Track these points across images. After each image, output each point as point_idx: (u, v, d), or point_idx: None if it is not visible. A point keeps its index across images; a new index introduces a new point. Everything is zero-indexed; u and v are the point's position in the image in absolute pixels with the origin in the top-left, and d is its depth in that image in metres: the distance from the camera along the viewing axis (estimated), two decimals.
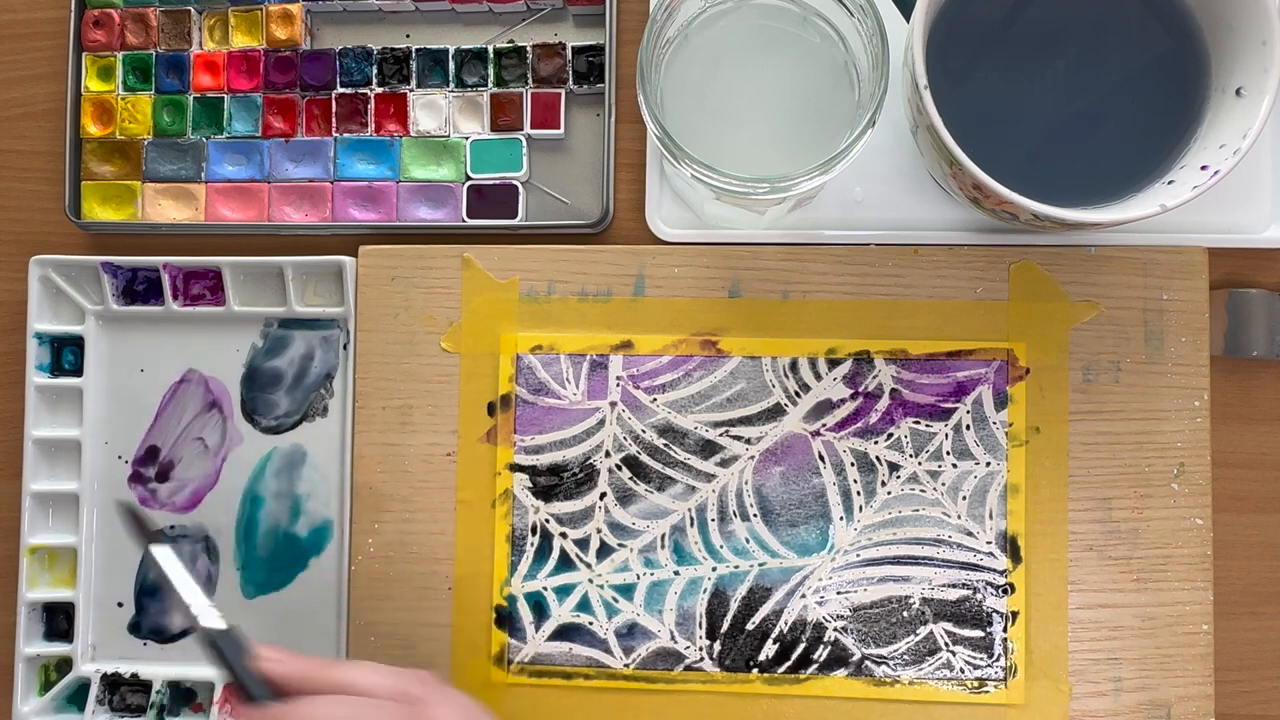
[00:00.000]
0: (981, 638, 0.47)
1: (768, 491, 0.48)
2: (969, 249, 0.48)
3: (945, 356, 0.48)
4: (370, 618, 0.49)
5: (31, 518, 0.51)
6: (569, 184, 0.52)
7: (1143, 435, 0.47)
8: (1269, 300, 0.48)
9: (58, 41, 0.54)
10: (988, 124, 0.44)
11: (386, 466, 0.49)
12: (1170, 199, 0.40)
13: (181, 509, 0.52)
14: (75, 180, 0.53)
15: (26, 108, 0.55)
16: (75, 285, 0.52)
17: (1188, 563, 0.47)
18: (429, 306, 0.50)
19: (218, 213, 0.53)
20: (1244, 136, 0.40)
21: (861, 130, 0.40)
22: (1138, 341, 0.48)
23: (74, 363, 0.52)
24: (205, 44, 0.53)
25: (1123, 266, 0.48)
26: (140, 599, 0.52)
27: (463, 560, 0.49)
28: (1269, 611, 0.49)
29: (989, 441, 0.48)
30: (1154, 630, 0.47)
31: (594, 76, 0.51)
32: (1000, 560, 0.47)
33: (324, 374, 0.51)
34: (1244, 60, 0.41)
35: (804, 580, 0.48)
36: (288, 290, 0.51)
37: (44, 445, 0.52)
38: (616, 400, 0.49)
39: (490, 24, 0.53)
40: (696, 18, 0.43)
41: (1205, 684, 0.46)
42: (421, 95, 0.52)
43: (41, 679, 0.51)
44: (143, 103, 0.53)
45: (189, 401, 0.52)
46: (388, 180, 0.52)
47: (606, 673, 0.48)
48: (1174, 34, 0.44)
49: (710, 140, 0.42)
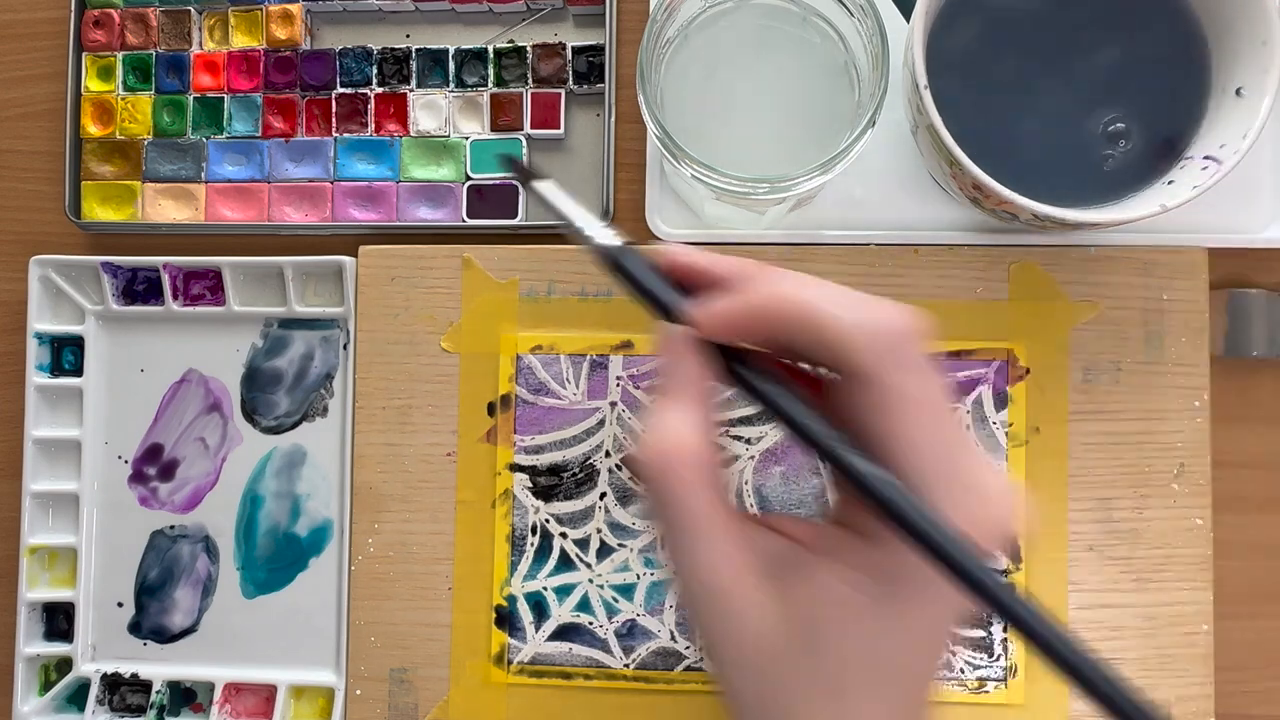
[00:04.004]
0: (981, 638, 0.47)
1: (768, 491, 0.48)
2: (969, 249, 0.48)
3: (945, 356, 0.48)
4: (370, 618, 0.49)
5: (31, 518, 0.51)
6: (569, 184, 0.52)
7: (1143, 435, 0.47)
8: (1269, 300, 0.48)
9: (58, 41, 0.54)
10: (987, 123, 0.44)
11: (386, 466, 0.49)
12: (1170, 199, 0.40)
13: (181, 509, 0.52)
14: (75, 180, 0.53)
15: (26, 108, 0.55)
16: (75, 285, 0.52)
17: (1188, 563, 0.47)
18: (429, 306, 0.50)
19: (218, 213, 0.53)
20: (1244, 136, 0.40)
21: (861, 130, 0.40)
22: (1138, 341, 0.48)
23: (74, 363, 0.52)
24: (205, 44, 0.53)
25: (1123, 266, 0.48)
26: (140, 599, 0.52)
27: (463, 560, 0.49)
28: (1269, 611, 0.49)
29: (989, 442, 0.48)
30: (1154, 630, 0.47)
31: (594, 76, 0.51)
32: (1000, 560, 0.47)
33: (324, 374, 0.51)
34: (1244, 60, 0.41)
35: None
36: (288, 290, 0.51)
37: (44, 445, 0.52)
38: (617, 400, 0.49)
39: (490, 24, 0.53)
40: (696, 18, 0.43)
41: (1205, 684, 0.46)
42: (421, 95, 0.52)
43: (41, 679, 0.51)
44: (143, 103, 0.53)
45: (189, 401, 0.52)
46: (388, 180, 0.52)
47: (606, 673, 0.48)
48: (1174, 34, 0.44)
49: (710, 140, 0.43)
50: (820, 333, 0.27)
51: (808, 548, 0.29)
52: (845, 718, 0.28)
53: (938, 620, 0.28)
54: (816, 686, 0.28)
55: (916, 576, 0.27)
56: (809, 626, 0.28)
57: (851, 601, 0.28)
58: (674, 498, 0.28)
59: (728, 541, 0.28)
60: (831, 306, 0.27)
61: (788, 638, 0.28)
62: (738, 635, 0.28)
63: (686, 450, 0.28)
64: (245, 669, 0.50)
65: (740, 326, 0.28)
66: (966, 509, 0.26)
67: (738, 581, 0.28)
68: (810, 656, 0.28)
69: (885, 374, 0.26)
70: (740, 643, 0.28)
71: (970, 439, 0.28)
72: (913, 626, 0.28)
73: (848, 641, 0.28)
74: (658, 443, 0.28)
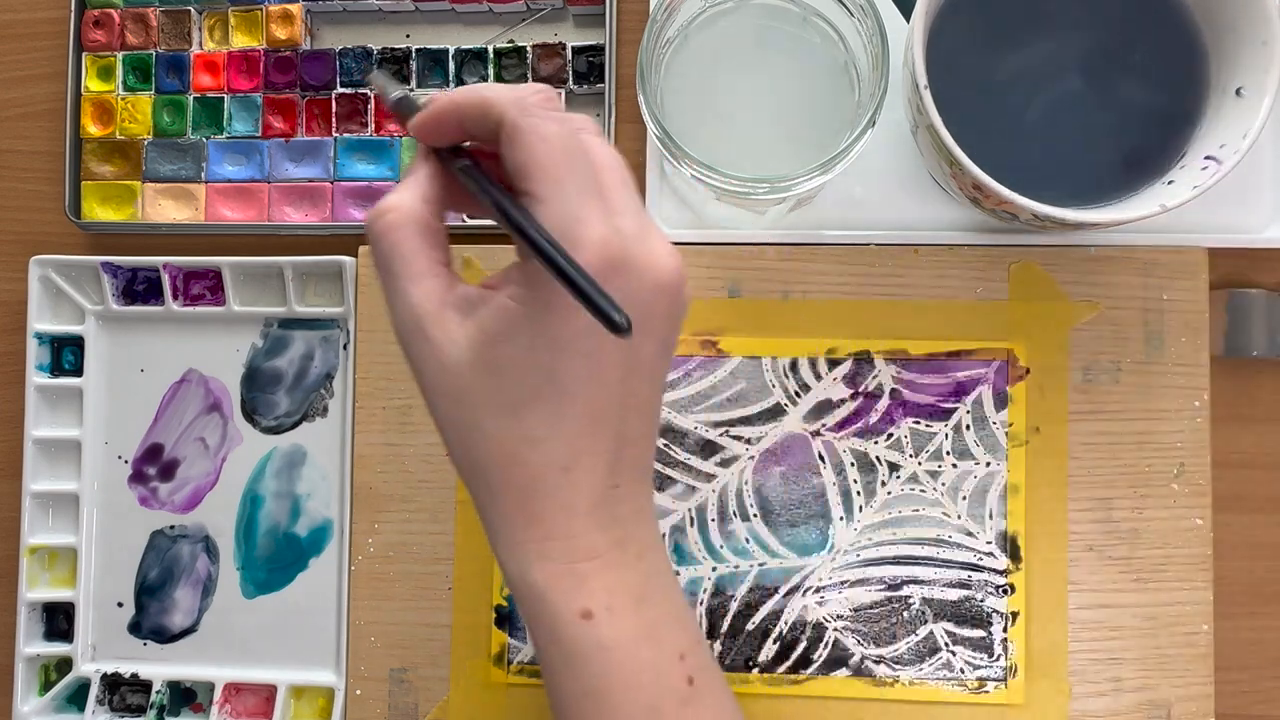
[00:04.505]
0: (982, 638, 0.47)
1: (768, 491, 0.48)
2: (969, 249, 0.48)
3: (945, 356, 0.48)
4: (370, 618, 0.49)
5: (31, 518, 0.51)
6: None
7: (1143, 435, 0.47)
8: (1269, 300, 0.48)
9: (58, 41, 0.54)
10: (988, 124, 0.44)
11: (386, 466, 0.49)
12: (1170, 199, 0.40)
13: (181, 509, 0.52)
14: (75, 180, 0.53)
15: (26, 108, 0.55)
16: (75, 285, 0.52)
17: (1188, 563, 0.47)
18: None
19: (218, 213, 0.53)
20: (1244, 136, 0.40)
21: (861, 130, 0.40)
22: (1138, 341, 0.48)
23: (74, 363, 0.52)
24: (205, 44, 0.53)
25: (1123, 266, 0.48)
26: (140, 599, 0.52)
27: (462, 560, 0.49)
28: (1269, 611, 0.49)
29: (989, 441, 0.48)
30: (1154, 630, 0.47)
31: (594, 76, 0.51)
32: (1000, 560, 0.47)
33: (324, 374, 0.51)
34: (1244, 60, 0.41)
35: (804, 580, 0.48)
36: (288, 290, 0.51)
37: (44, 445, 0.52)
38: None
39: (490, 24, 0.53)
40: (696, 18, 0.43)
41: (1205, 684, 0.46)
42: (422, 95, 0.52)
43: (41, 679, 0.51)
44: (143, 103, 0.53)
45: (189, 401, 0.52)
46: (388, 180, 0.52)
47: None
48: (1174, 34, 0.44)
49: (710, 140, 0.43)
50: (485, 107, 0.33)
51: (498, 288, 0.33)
52: (522, 430, 0.32)
53: (584, 334, 0.31)
54: (495, 402, 0.32)
55: (554, 285, 0.30)
56: (488, 346, 0.32)
57: (513, 313, 0.32)
58: (387, 245, 0.33)
59: (433, 281, 0.33)
60: (490, 90, 0.33)
61: (473, 361, 0.32)
62: (436, 362, 0.33)
63: (401, 210, 0.34)
64: (245, 669, 0.50)
65: (439, 121, 0.34)
66: (587, 215, 0.31)
67: (438, 315, 0.33)
68: (490, 376, 0.32)
69: (521, 119, 0.32)
70: (439, 369, 0.33)
71: (619, 176, 0.34)
72: (561, 334, 0.31)
73: (514, 353, 0.32)
74: (377, 207, 0.34)
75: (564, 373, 0.32)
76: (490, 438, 0.33)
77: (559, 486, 0.33)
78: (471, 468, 0.34)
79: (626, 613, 0.34)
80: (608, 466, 0.34)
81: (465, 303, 0.33)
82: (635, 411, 0.34)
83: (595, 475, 0.33)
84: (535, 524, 0.33)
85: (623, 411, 0.33)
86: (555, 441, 0.33)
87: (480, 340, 0.32)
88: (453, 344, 0.33)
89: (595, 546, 0.34)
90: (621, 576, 0.34)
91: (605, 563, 0.34)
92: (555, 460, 0.33)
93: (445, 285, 0.33)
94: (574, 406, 0.32)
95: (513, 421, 0.33)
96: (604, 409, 0.33)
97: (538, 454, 0.33)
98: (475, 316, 0.33)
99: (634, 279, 0.32)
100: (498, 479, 0.33)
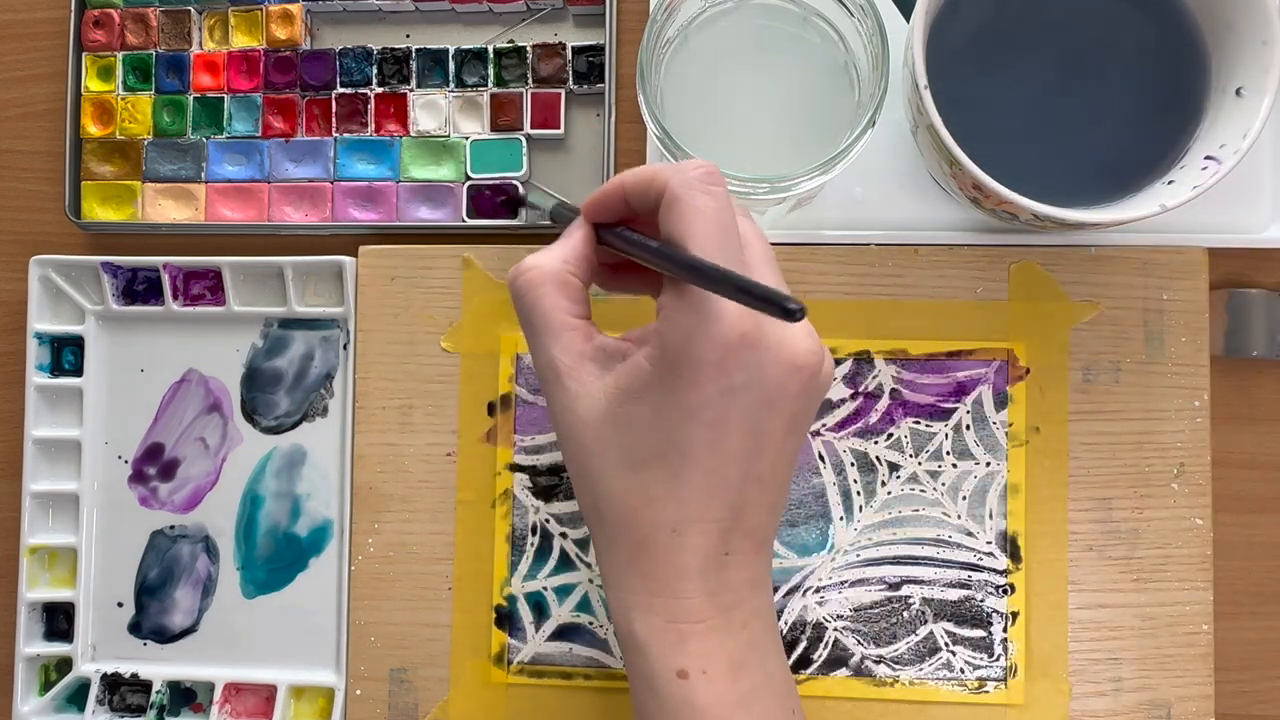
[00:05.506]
0: (982, 638, 0.47)
1: None
2: (969, 249, 0.48)
3: (945, 356, 0.48)
4: (370, 618, 0.49)
5: (31, 518, 0.51)
6: (569, 184, 0.52)
7: (1143, 435, 0.47)
8: (1269, 300, 0.48)
9: (58, 41, 0.54)
10: (988, 124, 0.44)
11: (386, 466, 0.49)
12: (1170, 199, 0.40)
13: (181, 509, 0.52)
14: (75, 180, 0.53)
15: (26, 108, 0.55)
16: (75, 285, 0.52)
17: (1188, 563, 0.47)
18: (429, 306, 0.50)
19: (218, 213, 0.53)
20: (1244, 136, 0.40)
21: (861, 130, 0.40)
22: (1138, 341, 0.48)
23: (74, 363, 0.52)
24: (205, 44, 0.53)
25: (1123, 266, 0.48)
26: (140, 599, 0.52)
27: (463, 560, 0.49)
28: (1269, 611, 0.49)
29: (989, 441, 0.48)
30: (1154, 630, 0.47)
31: (594, 76, 0.51)
32: (1000, 560, 0.47)
33: (324, 374, 0.51)
34: (1244, 60, 0.41)
35: (804, 580, 0.48)
36: (288, 290, 0.51)
37: (44, 445, 0.52)
38: None
39: (490, 24, 0.53)
40: (696, 18, 0.43)
41: (1205, 684, 0.46)
42: (421, 95, 0.52)
43: (41, 679, 0.51)
44: (143, 103, 0.53)
45: (189, 401, 0.52)
46: (388, 180, 0.52)
47: (606, 673, 0.48)
48: (1174, 34, 0.44)
49: (710, 140, 0.43)
50: (650, 182, 0.34)
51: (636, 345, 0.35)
52: (640, 487, 0.34)
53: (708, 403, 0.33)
54: (620, 456, 0.34)
55: (689, 351, 0.32)
56: (619, 403, 0.34)
57: (646, 374, 0.33)
58: (530, 303, 0.36)
59: (570, 335, 0.35)
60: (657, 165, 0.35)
61: (604, 414, 0.34)
62: (570, 412, 0.35)
63: (541, 268, 0.36)
64: (245, 669, 0.50)
65: (606, 198, 0.36)
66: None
67: (575, 368, 0.35)
68: (617, 431, 0.34)
69: (683, 192, 0.33)
70: (571, 419, 0.35)
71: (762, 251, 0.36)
72: (688, 400, 0.33)
73: (642, 412, 0.33)
74: (520, 266, 0.36)
75: (686, 438, 0.33)
76: (611, 489, 0.35)
77: (669, 548, 0.34)
78: (592, 515, 0.36)
79: (722, 678, 0.34)
80: (721, 533, 0.34)
81: (603, 355, 0.35)
82: (756, 483, 0.35)
83: (707, 540, 0.34)
84: (644, 578, 0.35)
85: (743, 482, 0.34)
86: (669, 503, 0.34)
87: (614, 396, 0.34)
88: (588, 396, 0.35)
89: (701, 610, 0.35)
90: (722, 642, 0.35)
91: (709, 627, 0.35)
92: (667, 521, 0.34)
93: (583, 337, 0.35)
94: (692, 472, 0.34)
95: (633, 477, 0.34)
96: (722, 478, 0.34)
97: (651, 511, 0.34)
98: (612, 372, 0.34)
99: (767, 355, 0.33)
100: (615, 529, 0.35)
